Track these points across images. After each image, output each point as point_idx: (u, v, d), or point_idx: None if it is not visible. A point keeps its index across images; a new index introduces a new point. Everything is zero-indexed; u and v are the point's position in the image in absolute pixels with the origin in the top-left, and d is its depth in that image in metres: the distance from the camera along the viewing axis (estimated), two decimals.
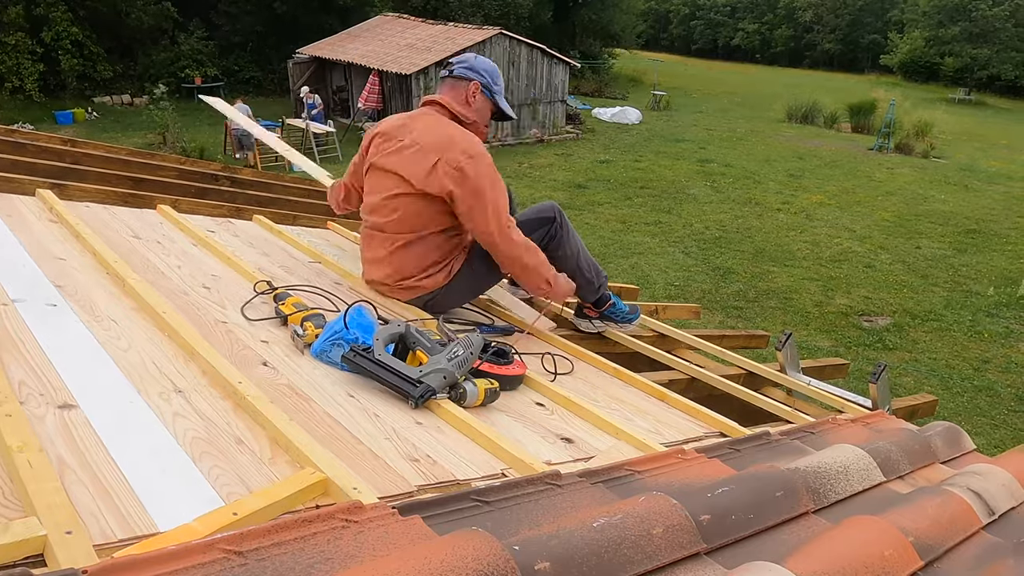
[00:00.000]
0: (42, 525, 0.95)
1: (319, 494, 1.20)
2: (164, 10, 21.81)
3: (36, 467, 1.06)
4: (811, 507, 1.32)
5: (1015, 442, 5.97)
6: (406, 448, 1.47)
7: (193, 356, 1.62)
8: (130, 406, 1.38)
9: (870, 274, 10.15)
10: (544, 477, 1.20)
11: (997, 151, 22.20)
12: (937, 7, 42.83)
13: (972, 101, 37.92)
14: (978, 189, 16.12)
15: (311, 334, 1.84)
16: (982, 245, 11.83)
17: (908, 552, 1.16)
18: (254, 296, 2.10)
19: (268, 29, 23.04)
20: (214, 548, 0.80)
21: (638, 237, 11.09)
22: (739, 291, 9.20)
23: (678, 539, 1.04)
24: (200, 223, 2.83)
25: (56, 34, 19.55)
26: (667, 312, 3.91)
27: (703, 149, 18.28)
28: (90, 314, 1.73)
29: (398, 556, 0.82)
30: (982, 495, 1.48)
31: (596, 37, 32.64)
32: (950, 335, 8.31)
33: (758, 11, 59.13)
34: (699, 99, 29.51)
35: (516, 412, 1.82)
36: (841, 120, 24.44)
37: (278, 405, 1.46)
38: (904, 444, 1.78)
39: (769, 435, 1.77)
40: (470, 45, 17.33)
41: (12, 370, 1.39)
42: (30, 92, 19.15)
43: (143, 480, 1.15)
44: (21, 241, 2.11)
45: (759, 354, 5.05)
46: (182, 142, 14.93)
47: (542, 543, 0.92)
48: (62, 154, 3.11)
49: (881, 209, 13.58)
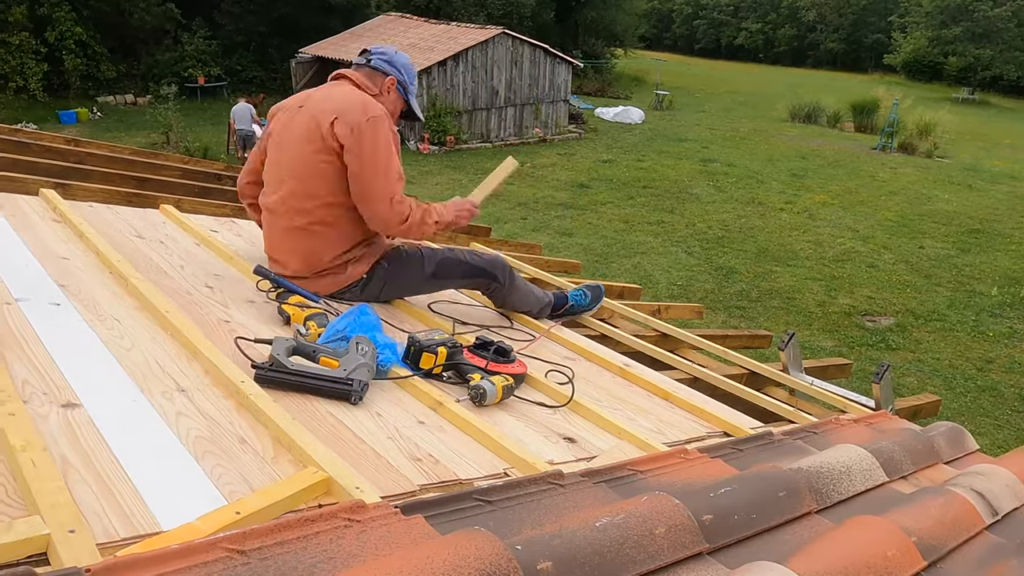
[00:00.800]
0: (45, 524, 0.95)
1: (322, 493, 1.21)
2: (167, 10, 21.84)
3: (39, 466, 1.07)
4: (814, 507, 1.32)
5: (1018, 442, 5.96)
6: (408, 447, 1.47)
7: (196, 355, 1.62)
8: (133, 405, 1.38)
9: (873, 274, 10.13)
10: (546, 477, 1.20)
11: (1001, 151, 22.14)
12: (939, 7, 42.71)
13: (976, 101, 37.84)
14: (982, 189, 16.08)
15: (314, 333, 1.84)
16: (986, 245, 11.81)
17: (911, 552, 1.16)
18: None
19: (271, 29, 23.06)
20: (217, 547, 0.80)
21: (641, 237, 11.08)
22: (742, 291, 9.19)
23: (681, 539, 1.04)
24: (203, 223, 2.84)
25: (60, 34, 19.58)
26: (670, 312, 3.91)
27: (706, 149, 18.26)
28: (93, 313, 1.74)
29: (400, 555, 0.82)
30: (985, 495, 1.47)
31: (598, 37, 32.64)
32: (953, 335, 8.29)
33: (761, 10, 59.02)
34: (702, 99, 29.48)
35: (518, 412, 1.82)
36: (844, 120, 24.40)
37: (281, 404, 1.47)
38: (907, 444, 1.78)
39: (772, 435, 1.77)
40: (473, 45, 17.35)
41: (16, 369, 1.39)
42: (34, 92, 19.19)
43: (146, 479, 1.15)
44: (25, 241, 2.12)
45: (762, 354, 5.03)
46: (185, 142, 14.96)
47: (544, 543, 0.92)
48: (66, 154, 3.12)
49: (884, 209, 13.55)
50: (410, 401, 1.71)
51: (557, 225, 11.26)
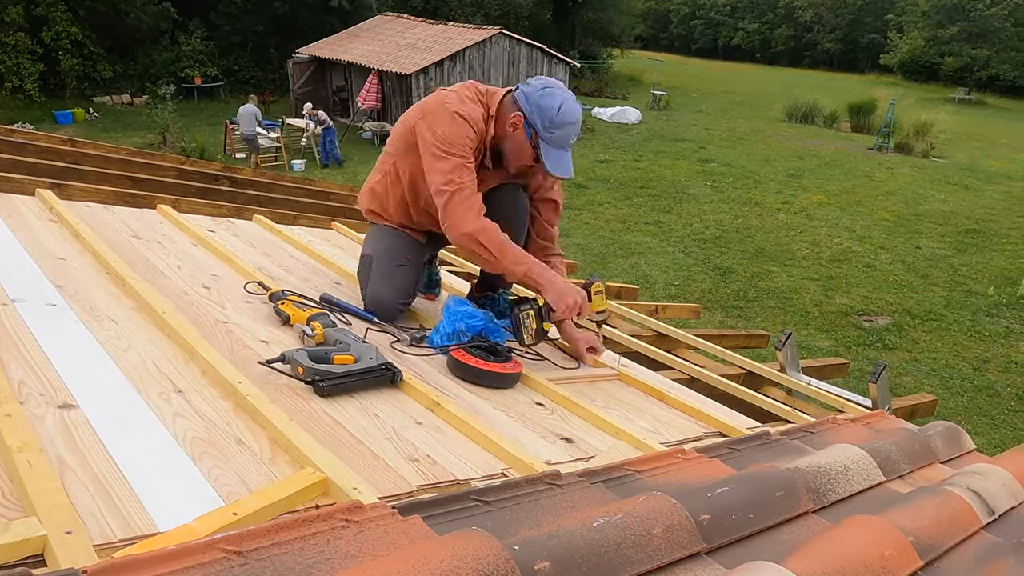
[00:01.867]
0: (42, 525, 0.94)
1: (319, 494, 1.20)
2: (164, 10, 21.81)
3: (36, 467, 1.06)
4: (811, 507, 1.32)
5: (1015, 442, 5.97)
6: (406, 448, 1.47)
7: (193, 356, 1.62)
8: (130, 406, 1.38)
9: (870, 274, 10.15)
10: (544, 477, 1.20)
11: (997, 151, 22.20)
12: (936, 7, 42.81)
13: (972, 101, 37.93)
14: (978, 189, 16.13)
15: (320, 333, 1.84)
16: (982, 245, 11.84)
17: (908, 552, 1.16)
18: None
19: (268, 29, 23.04)
20: (214, 548, 0.80)
21: (638, 237, 11.09)
22: (739, 291, 9.20)
23: (678, 539, 1.04)
24: (200, 223, 2.83)
25: (56, 34, 19.55)
26: (667, 312, 3.91)
27: (703, 149, 18.28)
28: (90, 314, 1.73)
29: (398, 556, 0.82)
30: (982, 495, 1.48)
31: (595, 37, 32.67)
32: (950, 335, 8.31)
33: (758, 11, 59.10)
34: (699, 99, 29.51)
35: (516, 412, 1.82)
36: (841, 120, 24.45)
37: (278, 405, 1.46)
38: (904, 444, 1.78)
39: (769, 435, 1.77)
40: (470, 45, 17.36)
41: (12, 370, 1.39)
42: (30, 92, 19.15)
43: (143, 480, 1.15)
44: (21, 241, 2.11)
45: (759, 354, 5.04)
46: (182, 142, 14.94)
47: (542, 543, 0.92)
48: (62, 154, 3.11)
49: (881, 209, 13.58)
50: (408, 402, 1.71)
51: None
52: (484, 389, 1.91)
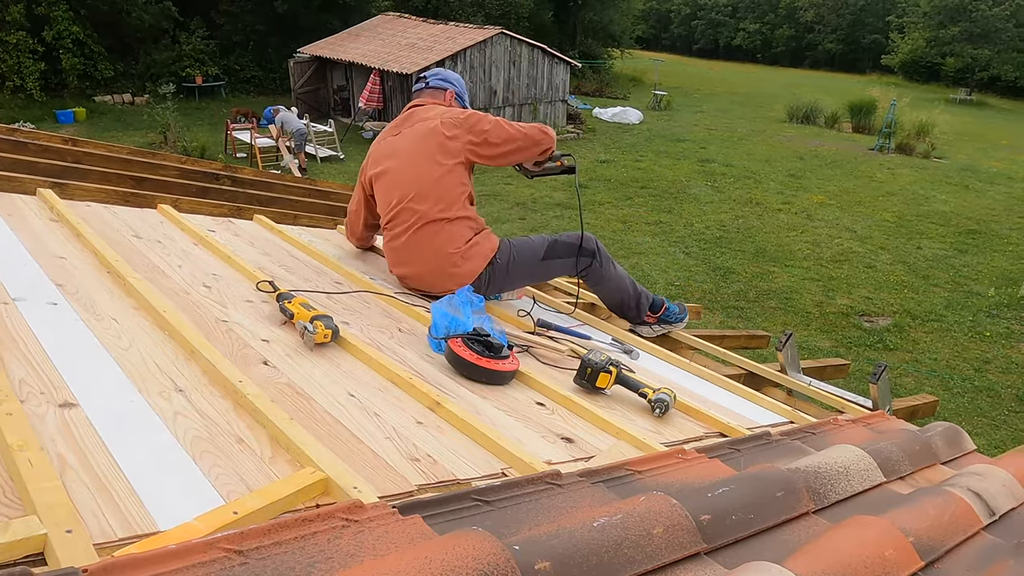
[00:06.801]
0: (42, 524, 0.94)
1: (319, 493, 1.20)
2: (165, 9, 21.79)
3: (36, 466, 1.06)
4: (812, 507, 1.32)
5: (1015, 442, 5.97)
6: (406, 447, 1.47)
7: (194, 355, 1.62)
8: (131, 405, 1.38)
9: (871, 274, 10.15)
10: (544, 477, 1.20)
11: (998, 151, 22.19)
12: (937, 7, 42.77)
13: (973, 101, 37.89)
14: (979, 189, 16.12)
15: (321, 332, 1.84)
16: (983, 245, 11.83)
17: (909, 552, 1.16)
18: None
19: (269, 28, 23.04)
20: (214, 547, 0.80)
21: (639, 237, 11.09)
22: (740, 291, 9.20)
23: (678, 539, 1.04)
24: (201, 222, 2.83)
25: (57, 33, 19.52)
26: None
27: (704, 149, 18.28)
28: (91, 313, 1.73)
29: (398, 555, 0.82)
30: (982, 495, 1.47)
31: (596, 37, 32.66)
32: (951, 336, 8.31)
33: (759, 11, 59.08)
34: (700, 99, 29.50)
35: (516, 411, 1.82)
36: (842, 120, 24.43)
37: (279, 404, 1.46)
38: (904, 445, 1.78)
39: (770, 435, 1.77)
40: (471, 44, 17.35)
41: (12, 369, 1.39)
42: (31, 91, 19.13)
43: (143, 479, 1.15)
44: (22, 240, 2.11)
45: (760, 354, 5.04)
46: (183, 141, 14.93)
47: (542, 543, 0.92)
48: (63, 153, 3.11)
49: (882, 209, 13.58)
50: (408, 401, 1.71)
51: (555, 225, 11.26)
52: (485, 388, 1.91)
